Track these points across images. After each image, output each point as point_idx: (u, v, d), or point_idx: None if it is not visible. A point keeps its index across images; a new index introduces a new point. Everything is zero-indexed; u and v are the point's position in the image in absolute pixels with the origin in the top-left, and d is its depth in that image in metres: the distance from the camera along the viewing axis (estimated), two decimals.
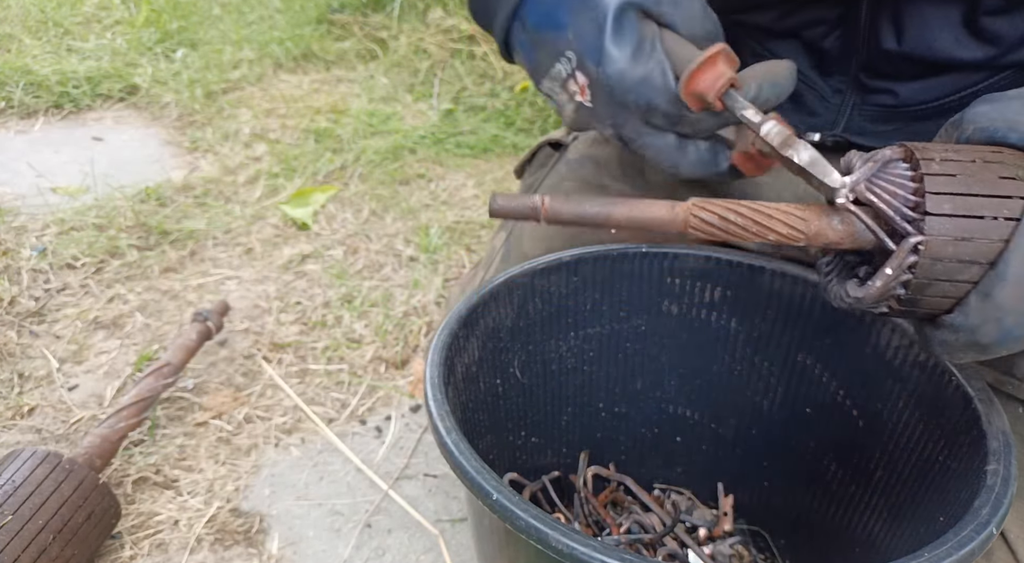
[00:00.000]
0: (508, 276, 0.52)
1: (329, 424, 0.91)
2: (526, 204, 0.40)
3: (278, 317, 1.08)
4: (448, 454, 0.37)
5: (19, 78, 1.72)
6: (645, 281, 0.57)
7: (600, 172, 0.68)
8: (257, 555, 0.74)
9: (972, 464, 0.41)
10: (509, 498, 0.34)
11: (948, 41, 0.55)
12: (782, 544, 0.63)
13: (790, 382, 0.57)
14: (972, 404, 0.43)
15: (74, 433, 0.87)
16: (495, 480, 0.35)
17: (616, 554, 0.31)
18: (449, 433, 0.38)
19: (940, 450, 0.46)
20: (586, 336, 0.59)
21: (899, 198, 0.36)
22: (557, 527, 0.32)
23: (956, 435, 0.44)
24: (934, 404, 0.47)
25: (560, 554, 0.32)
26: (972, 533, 0.33)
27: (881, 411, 0.51)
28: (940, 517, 0.42)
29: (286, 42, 2.09)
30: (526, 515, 0.33)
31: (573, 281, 0.56)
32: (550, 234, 0.67)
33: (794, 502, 0.60)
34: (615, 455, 0.66)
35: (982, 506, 0.35)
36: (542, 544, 0.32)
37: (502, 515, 0.34)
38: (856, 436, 0.54)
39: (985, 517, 0.34)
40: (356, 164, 1.55)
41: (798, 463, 0.59)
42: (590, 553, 0.31)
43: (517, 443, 0.59)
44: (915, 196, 0.36)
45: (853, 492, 0.54)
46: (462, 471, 0.36)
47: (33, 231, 1.22)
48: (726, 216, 0.39)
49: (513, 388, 0.56)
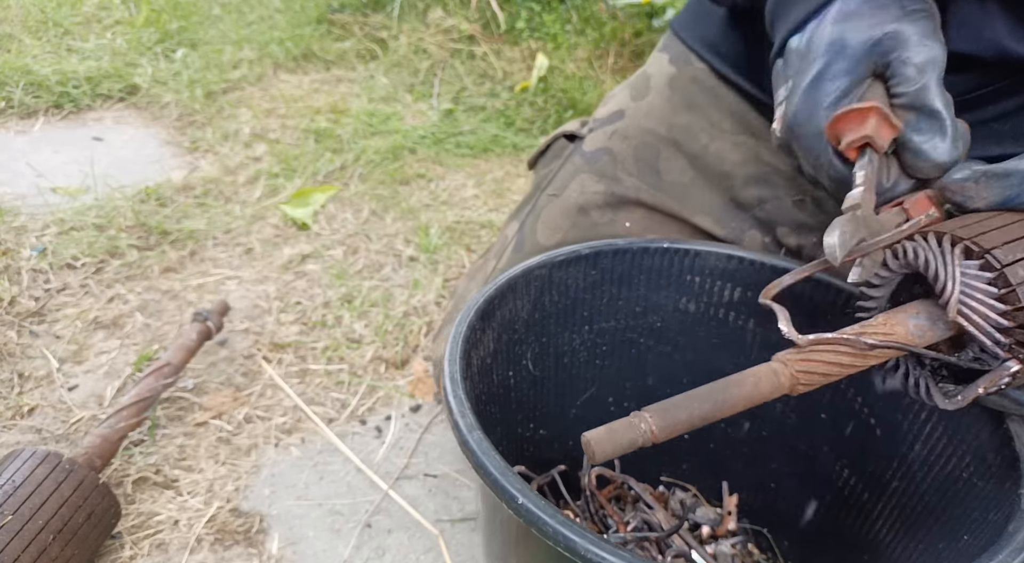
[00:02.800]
0: (526, 267, 0.51)
1: (329, 424, 0.91)
2: (633, 433, 0.37)
3: (278, 317, 1.08)
4: (470, 453, 0.36)
5: (19, 78, 1.72)
6: (664, 277, 0.56)
7: (615, 166, 0.68)
8: (257, 555, 0.74)
9: (1003, 485, 0.40)
10: (535, 502, 0.33)
11: (1001, 33, 0.54)
12: (785, 545, 0.63)
13: None
14: (1004, 424, 0.42)
15: (74, 433, 0.87)
16: (520, 483, 0.34)
17: (638, 560, 0.30)
18: (471, 431, 0.37)
19: (965, 467, 0.45)
20: (600, 330, 0.58)
21: (990, 320, 0.36)
22: (586, 535, 0.31)
23: (984, 453, 0.43)
24: (961, 420, 0.46)
25: (586, 561, 0.31)
26: (1008, 558, 0.33)
27: (901, 422, 0.50)
28: (964, 536, 0.41)
29: (286, 42, 2.09)
30: (553, 521, 0.32)
31: (591, 274, 0.55)
32: (565, 226, 0.67)
33: (801, 505, 0.60)
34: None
35: (1017, 531, 0.35)
36: (570, 551, 0.31)
37: (527, 519, 0.33)
38: (873, 444, 0.53)
39: (1021, 543, 0.34)
40: (356, 164, 1.55)
41: (809, 467, 0.58)
42: (616, 561, 0.30)
43: (526, 435, 0.59)
44: (1006, 311, 0.36)
45: (866, 500, 0.53)
46: (485, 472, 0.35)
47: (33, 231, 1.22)
48: (828, 372, 0.38)
49: (525, 380, 0.56)
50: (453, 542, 0.76)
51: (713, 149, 0.66)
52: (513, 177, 1.56)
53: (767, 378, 0.38)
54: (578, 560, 0.31)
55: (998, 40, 0.54)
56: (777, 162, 0.67)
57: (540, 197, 0.72)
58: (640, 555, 0.31)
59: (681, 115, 0.68)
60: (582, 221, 0.67)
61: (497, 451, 0.36)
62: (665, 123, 0.68)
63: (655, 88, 0.71)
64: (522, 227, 0.71)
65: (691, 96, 0.68)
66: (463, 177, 1.55)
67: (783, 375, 0.38)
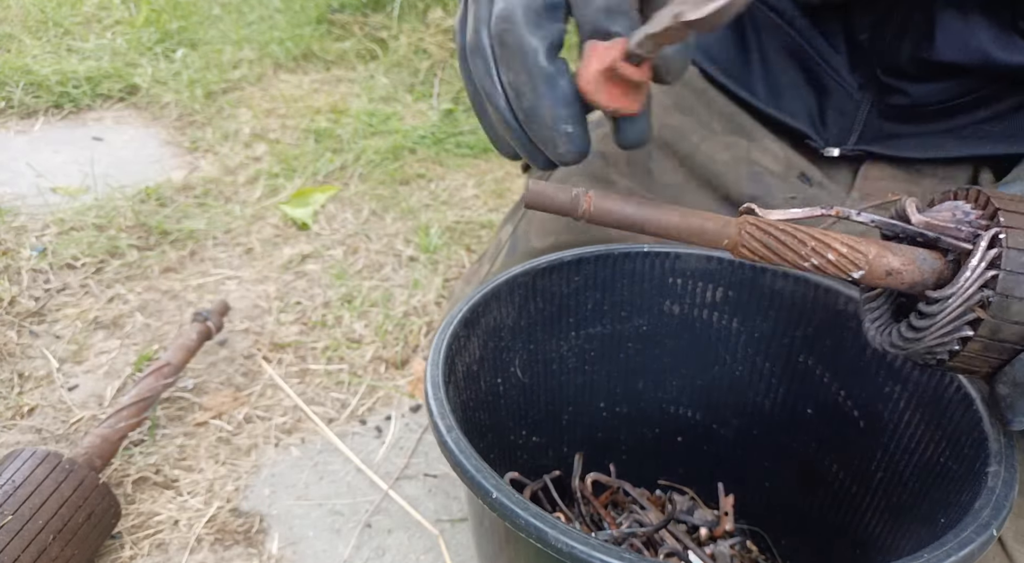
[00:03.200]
0: (509, 275, 0.52)
1: (329, 424, 0.91)
2: (566, 196, 0.36)
3: (278, 317, 1.08)
4: (448, 453, 0.37)
5: (19, 78, 1.72)
6: (647, 281, 0.57)
7: (608, 167, 0.68)
8: (257, 555, 0.74)
9: (973, 466, 0.40)
10: (509, 496, 0.34)
11: (985, 41, 0.54)
12: (782, 545, 0.63)
13: (791, 383, 0.57)
14: (974, 406, 0.43)
15: (74, 433, 0.87)
16: (495, 478, 0.35)
17: (615, 553, 0.31)
18: (450, 431, 0.38)
19: (941, 452, 0.45)
20: (587, 336, 0.59)
21: (965, 228, 0.35)
22: (557, 525, 0.32)
23: (958, 437, 0.44)
24: (936, 405, 0.47)
25: (560, 553, 0.32)
26: (972, 535, 0.33)
27: (882, 412, 0.51)
28: (941, 519, 0.42)
29: (286, 42, 2.09)
30: (526, 514, 0.33)
31: (575, 281, 0.56)
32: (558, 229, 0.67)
33: (795, 503, 0.60)
34: (616, 455, 0.66)
35: (983, 508, 0.35)
36: (542, 543, 0.32)
37: (501, 513, 0.33)
38: (857, 437, 0.54)
39: (986, 519, 0.34)
40: (356, 164, 1.55)
41: (799, 464, 0.59)
42: (589, 551, 0.31)
43: (518, 442, 0.59)
44: (983, 223, 0.34)
45: (855, 493, 0.54)
46: (462, 469, 0.36)
47: (33, 231, 1.22)
48: (780, 237, 0.36)
49: (514, 387, 0.56)
50: (453, 542, 0.76)
51: (704, 149, 0.66)
52: (513, 177, 1.56)
53: (716, 222, 0.37)
54: (551, 552, 0.32)
55: (983, 48, 0.55)
56: (768, 162, 0.67)
57: None
58: (616, 548, 0.32)
59: (672, 116, 0.68)
60: (575, 224, 0.67)
61: (477, 453, 0.37)
62: (656, 124, 0.68)
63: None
64: (515, 231, 0.71)
65: (681, 98, 0.69)
66: (463, 177, 1.55)
67: (732, 227, 0.37)
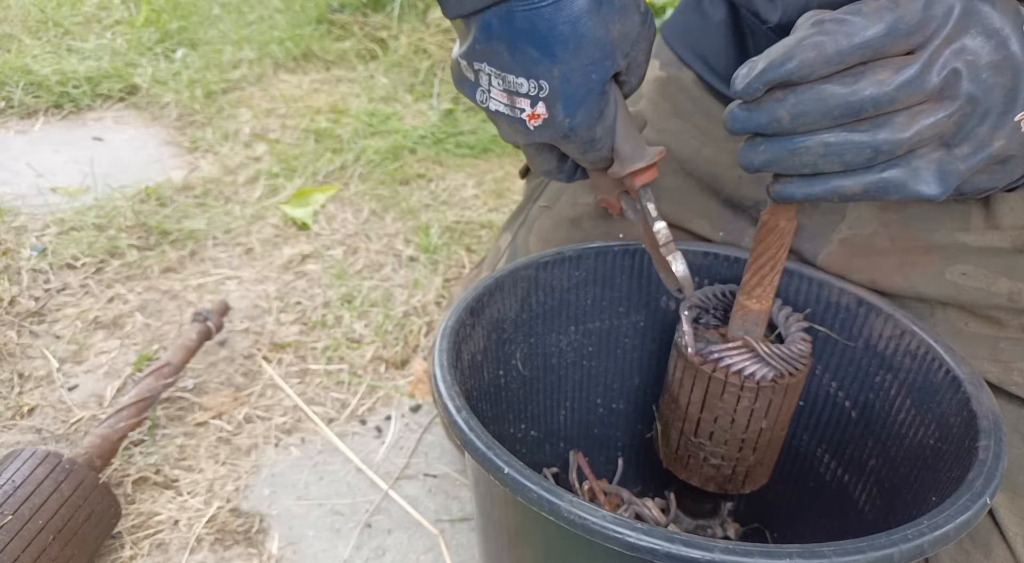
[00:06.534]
0: (513, 267, 0.53)
1: (329, 424, 0.91)
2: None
3: (278, 317, 1.08)
4: (458, 431, 0.37)
5: (19, 78, 1.72)
6: (645, 277, 0.58)
7: None
8: (257, 555, 0.74)
9: (963, 444, 0.42)
10: (520, 471, 0.34)
11: None
12: (775, 538, 0.64)
13: None
14: (962, 387, 0.44)
15: (74, 433, 0.87)
16: (506, 454, 0.35)
17: (626, 522, 0.31)
18: (459, 411, 0.38)
19: (931, 434, 0.47)
20: (586, 331, 0.59)
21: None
22: (570, 498, 0.32)
23: (947, 418, 0.45)
24: (925, 390, 0.48)
25: (572, 524, 0.32)
26: (967, 503, 0.34)
27: (873, 402, 0.52)
28: (932, 497, 0.43)
29: (286, 42, 2.09)
30: (538, 487, 0.33)
31: (575, 275, 0.56)
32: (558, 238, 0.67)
33: (789, 496, 0.61)
34: (612, 451, 0.66)
35: (975, 478, 0.37)
36: (555, 515, 0.32)
37: (514, 488, 0.34)
38: (849, 427, 0.55)
39: (979, 488, 0.36)
40: (356, 164, 1.55)
41: (793, 457, 0.59)
42: (602, 523, 0.31)
43: (517, 436, 0.59)
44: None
45: (847, 482, 0.55)
46: (472, 447, 0.36)
47: (33, 231, 1.22)
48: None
49: (515, 380, 0.57)
50: (453, 542, 0.76)
51: (705, 153, 0.66)
52: (513, 177, 1.56)
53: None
54: (563, 523, 0.32)
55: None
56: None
57: (532, 208, 0.72)
58: (624, 516, 0.32)
59: (670, 121, 0.68)
60: (575, 234, 0.67)
61: (487, 431, 0.37)
62: (655, 128, 0.68)
63: (646, 94, 0.71)
64: (514, 239, 0.71)
65: (680, 103, 0.69)
66: (463, 177, 1.55)
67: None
